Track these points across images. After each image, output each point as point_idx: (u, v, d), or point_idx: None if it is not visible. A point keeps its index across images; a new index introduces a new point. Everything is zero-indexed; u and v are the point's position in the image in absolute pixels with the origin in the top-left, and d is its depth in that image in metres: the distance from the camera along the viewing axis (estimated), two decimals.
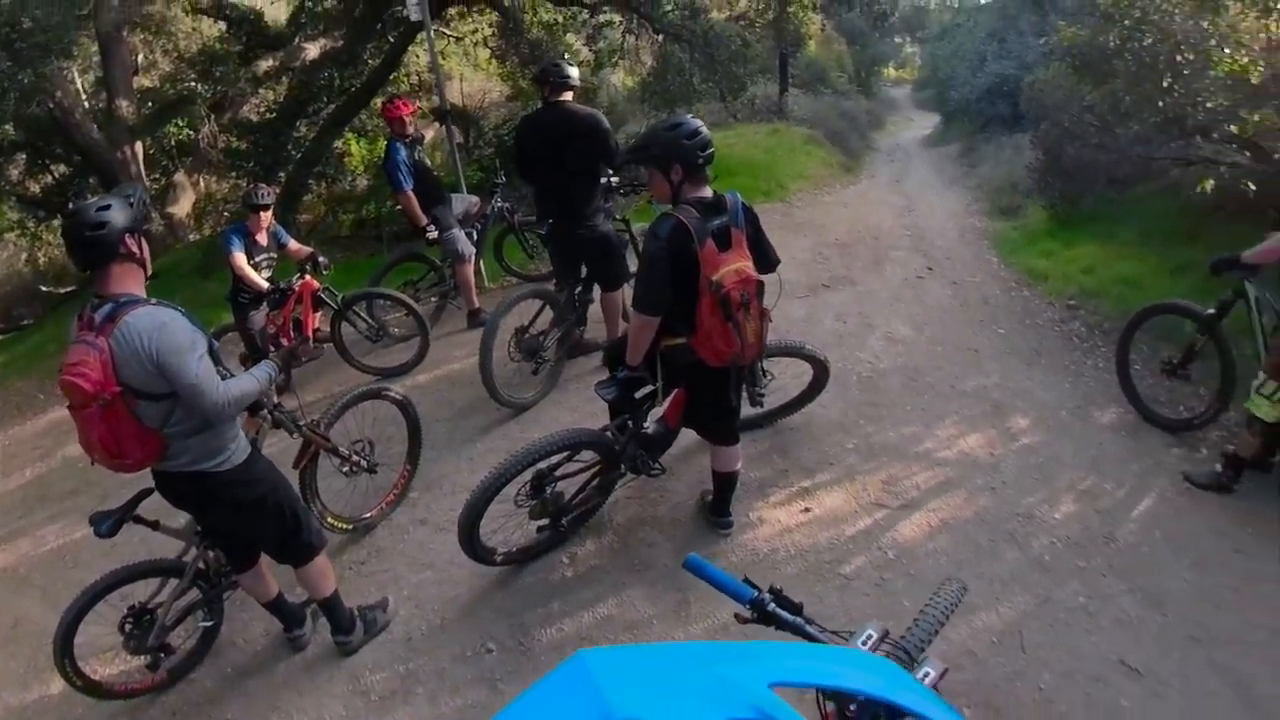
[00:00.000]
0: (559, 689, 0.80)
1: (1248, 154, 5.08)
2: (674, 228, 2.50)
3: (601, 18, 9.33)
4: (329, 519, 3.27)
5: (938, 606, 1.71)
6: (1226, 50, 4.92)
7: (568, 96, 4.15)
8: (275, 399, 2.85)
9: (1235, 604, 2.76)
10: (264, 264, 4.69)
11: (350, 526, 3.39)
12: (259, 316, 4.75)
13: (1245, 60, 4.83)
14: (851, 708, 1.11)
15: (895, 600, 2.79)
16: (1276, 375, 3.10)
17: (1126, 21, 5.56)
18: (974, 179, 10.71)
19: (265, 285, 4.60)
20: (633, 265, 4.85)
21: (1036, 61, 10.20)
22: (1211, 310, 3.54)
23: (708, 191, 2.63)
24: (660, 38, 8.91)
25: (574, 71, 4.17)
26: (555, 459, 2.86)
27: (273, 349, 4.40)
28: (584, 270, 4.43)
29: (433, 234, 5.15)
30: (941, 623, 1.68)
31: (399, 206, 5.60)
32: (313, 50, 9.10)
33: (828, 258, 6.61)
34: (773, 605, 1.31)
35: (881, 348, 4.80)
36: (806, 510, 3.31)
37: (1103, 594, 2.82)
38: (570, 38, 9.82)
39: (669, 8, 8.51)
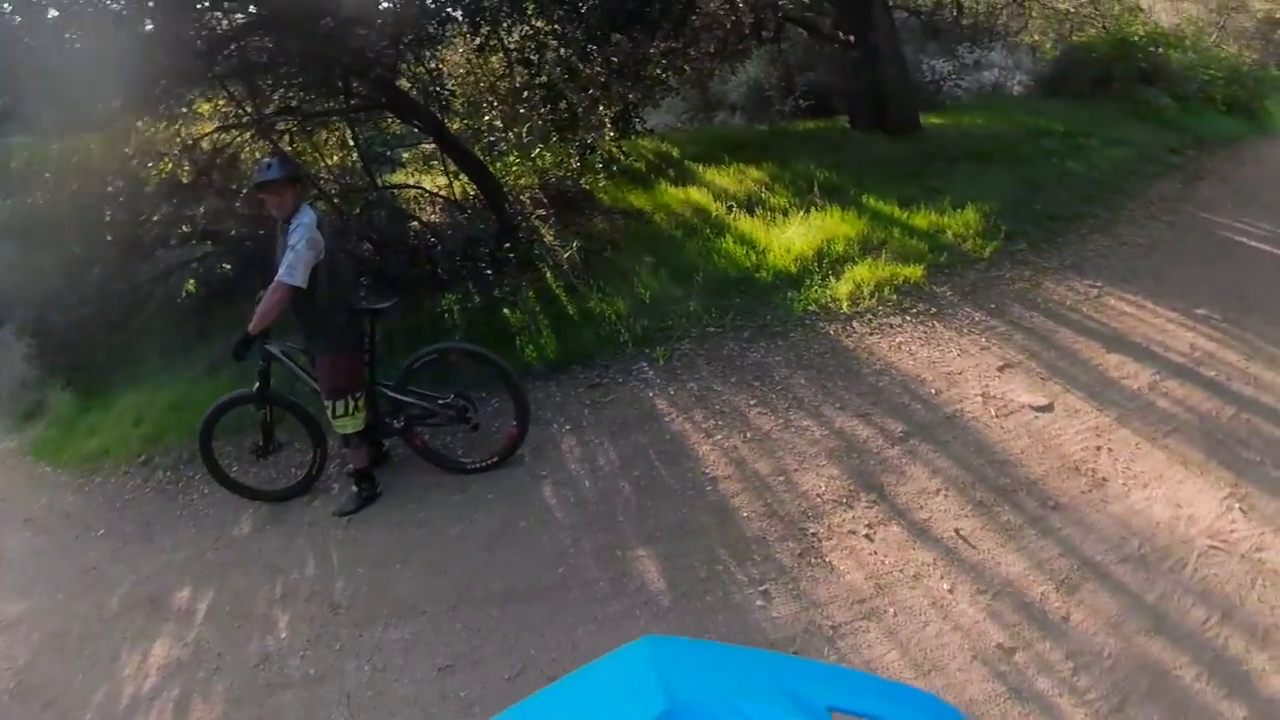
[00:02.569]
0: (617, 668, 0.87)
1: (210, 244, 5.55)
2: None
3: None
4: None
5: None
6: (150, 164, 5.26)
7: None
8: None
9: (470, 559, 3.35)
10: None
11: None
12: None
13: (186, 166, 5.32)
14: None
15: None
16: (336, 395, 3.59)
17: (47, 174, 5.35)
18: None
19: None
20: None
21: None
22: (257, 385, 3.81)
23: None
24: None
25: None
26: None
27: None
28: None
29: None
30: None
31: None
32: None
33: None
34: None
35: None
36: None
37: (378, 647, 3.00)
38: None
39: None
